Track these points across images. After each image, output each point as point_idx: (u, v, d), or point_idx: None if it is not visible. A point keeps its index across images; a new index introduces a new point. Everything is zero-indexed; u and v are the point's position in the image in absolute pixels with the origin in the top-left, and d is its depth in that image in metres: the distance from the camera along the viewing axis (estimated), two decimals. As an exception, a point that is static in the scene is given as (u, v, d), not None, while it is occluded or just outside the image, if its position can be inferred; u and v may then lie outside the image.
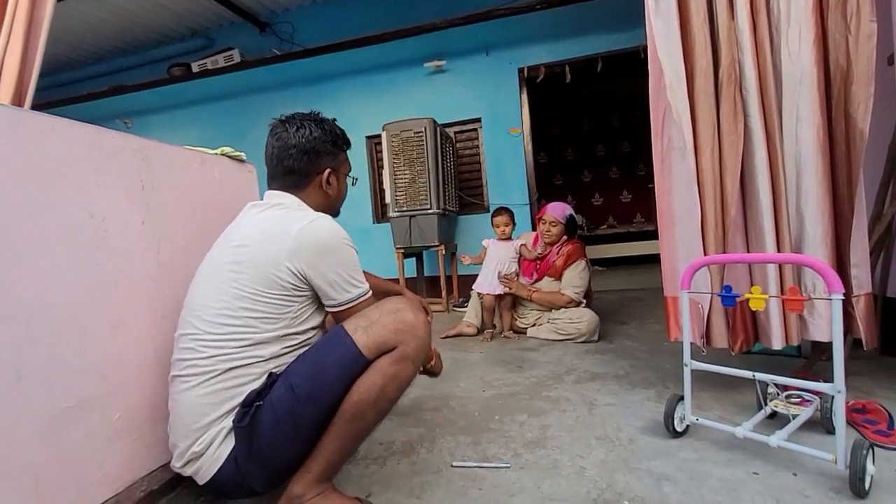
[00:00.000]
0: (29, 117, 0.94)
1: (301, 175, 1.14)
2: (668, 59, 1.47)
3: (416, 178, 3.58)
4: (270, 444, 0.95)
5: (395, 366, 0.98)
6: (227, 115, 5.03)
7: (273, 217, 1.08)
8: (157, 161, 1.23)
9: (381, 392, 0.97)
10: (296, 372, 0.98)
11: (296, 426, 0.96)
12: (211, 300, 1.00)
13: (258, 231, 1.05)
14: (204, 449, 0.95)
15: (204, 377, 0.96)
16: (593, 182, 7.46)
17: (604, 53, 3.97)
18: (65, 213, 0.98)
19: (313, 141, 1.13)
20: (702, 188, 1.46)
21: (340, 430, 0.97)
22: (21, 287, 0.88)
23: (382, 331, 0.98)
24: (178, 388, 0.98)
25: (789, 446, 1.08)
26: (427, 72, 4.40)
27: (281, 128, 1.15)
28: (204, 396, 0.95)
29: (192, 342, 0.98)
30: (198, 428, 0.95)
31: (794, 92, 1.41)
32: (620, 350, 2.25)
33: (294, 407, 0.94)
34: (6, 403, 0.83)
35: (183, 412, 0.97)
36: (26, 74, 1.79)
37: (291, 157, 1.12)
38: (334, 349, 0.98)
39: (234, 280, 0.99)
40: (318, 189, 1.16)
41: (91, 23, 4.52)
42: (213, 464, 0.96)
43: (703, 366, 1.27)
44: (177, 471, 1.02)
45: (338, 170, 1.20)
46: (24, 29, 1.77)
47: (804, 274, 1.43)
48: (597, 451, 1.26)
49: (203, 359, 0.96)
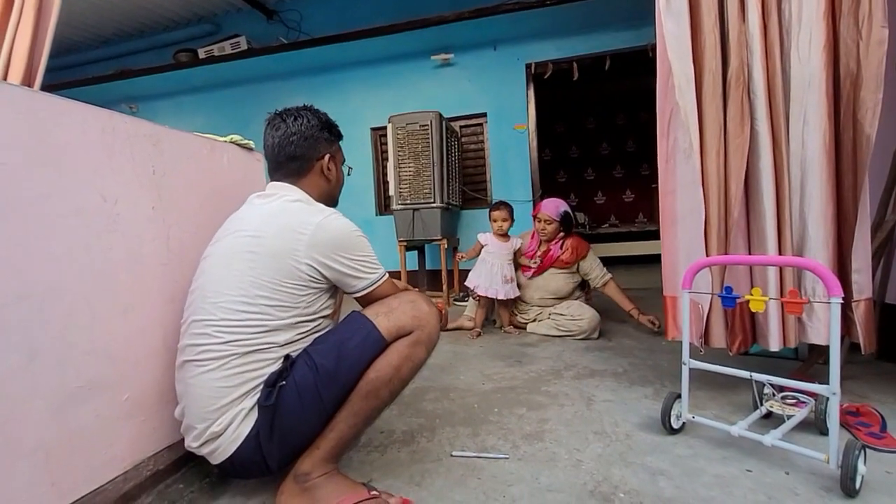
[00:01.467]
0: (44, 99, 0.95)
1: (303, 160, 1.18)
2: (677, 60, 1.48)
3: (421, 172, 3.59)
4: (293, 422, 0.99)
5: (410, 348, 1.06)
6: (232, 102, 5.02)
7: (285, 209, 1.10)
8: (169, 147, 1.24)
9: (396, 372, 1.04)
10: (318, 353, 1.03)
11: (318, 404, 1.00)
12: (227, 287, 1.02)
13: (272, 223, 1.07)
14: (223, 429, 0.98)
15: (220, 361, 0.98)
16: (597, 180, 7.45)
17: (612, 51, 3.96)
18: (77, 195, 0.99)
19: (312, 128, 1.19)
20: (706, 189, 1.47)
21: (354, 407, 1.02)
22: (34, 268, 0.89)
23: (402, 317, 1.06)
24: (193, 373, 1.00)
25: (783, 445, 1.10)
26: (434, 64, 4.38)
27: (278, 119, 1.20)
28: (221, 380, 0.98)
29: (208, 328, 1.00)
30: (215, 409, 0.98)
31: (803, 96, 1.42)
32: (619, 348, 2.27)
33: (317, 386, 0.99)
34: (20, 381, 0.85)
35: (198, 395, 0.99)
36: (36, 55, 1.80)
37: (293, 144, 1.17)
38: (357, 332, 1.05)
39: (252, 269, 1.02)
40: (319, 175, 1.21)
41: (98, 4, 4.51)
42: (232, 443, 0.98)
43: (702, 365, 1.29)
44: (192, 450, 1.05)
45: (335, 157, 1.25)
46: (35, 9, 1.78)
47: (804, 277, 1.44)
48: (594, 446, 1.28)
49: (219, 344, 0.99)
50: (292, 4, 4.69)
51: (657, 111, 1.57)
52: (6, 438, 0.82)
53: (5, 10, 1.82)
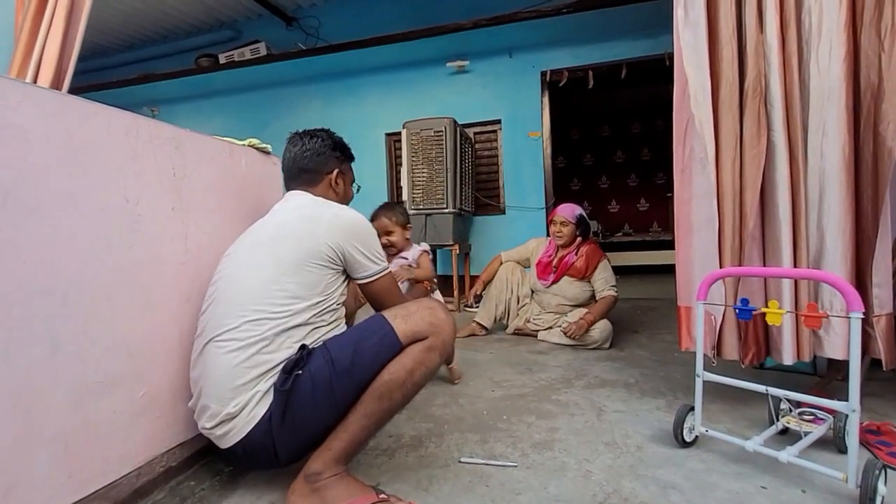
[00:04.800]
0: (73, 102, 0.99)
1: (314, 173, 1.32)
2: (694, 70, 1.47)
3: (434, 177, 3.61)
4: (305, 411, 1.02)
5: (424, 353, 1.08)
6: (250, 106, 5.11)
7: (306, 204, 1.24)
8: (189, 150, 1.27)
9: (410, 375, 1.06)
10: (335, 347, 1.06)
11: (330, 398, 1.03)
12: (254, 271, 1.10)
13: (292, 214, 1.21)
14: (239, 410, 1.01)
15: (243, 342, 1.02)
16: (611, 188, 7.40)
17: (628, 60, 3.95)
18: (101, 195, 1.02)
19: (324, 147, 1.34)
20: (721, 200, 1.46)
21: (367, 408, 1.04)
22: (59, 263, 0.92)
23: (420, 321, 1.09)
24: (214, 353, 1.04)
25: (800, 462, 1.07)
26: (449, 71, 4.42)
27: (297, 137, 1.36)
28: (243, 361, 1.01)
29: (234, 307, 1.06)
30: (232, 389, 1.01)
31: (822, 107, 1.40)
32: (631, 358, 2.25)
33: (331, 380, 1.02)
34: (43, 372, 0.87)
35: (217, 375, 1.03)
36: (65, 59, 1.86)
37: (306, 159, 1.31)
38: (375, 332, 1.08)
39: (275, 252, 1.11)
40: (327, 187, 1.34)
41: (123, 10, 4.63)
42: (247, 424, 1.01)
43: (716, 377, 1.27)
44: (205, 433, 1.07)
45: (344, 174, 1.38)
46: (66, 14, 1.84)
47: (822, 291, 1.42)
48: (604, 456, 1.27)
49: (247, 323, 1.03)
50: (311, 11, 4.77)
51: (673, 121, 1.56)
52: (28, 426, 0.85)
53: (37, 16, 1.88)
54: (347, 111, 4.70)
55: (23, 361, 0.85)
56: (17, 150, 0.86)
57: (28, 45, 1.89)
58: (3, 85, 0.85)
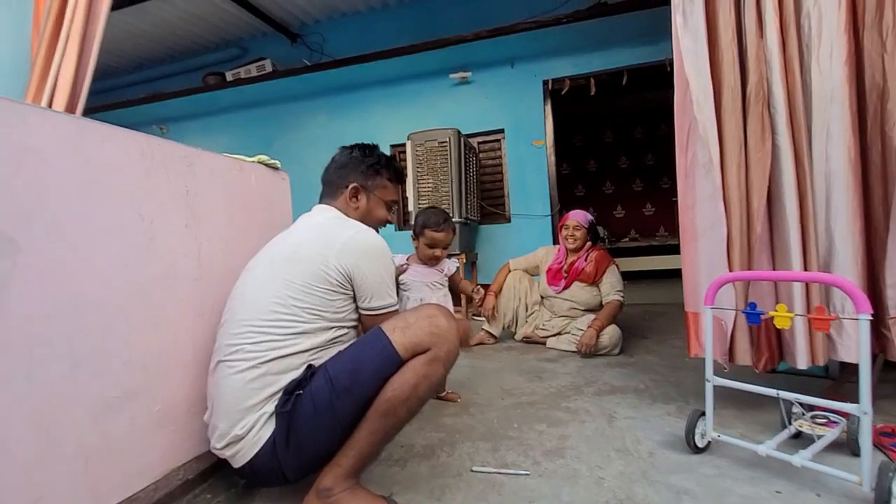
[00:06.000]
0: (90, 126, 1.02)
1: (331, 185, 1.31)
2: (695, 76, 1.49)
3: (439, 187, 3.64)
4: (307, 432, 1.01)
5: (427, 366, 1.04)
6: (257, 122, 5.20)
7: (324, 223, 1.22)
8: (201, 168, 1.30)
9: (414, 390, 1.03)
10: (335, 366, 1.05)
11: (332, 417, 1.01)
12: (264, 290, 1.09)
13: (309, 233, 1.19)
14: (245, 432, 1.01)
15: (251, 363, 1.02)
16: (616, 194, 7.40)
17: (629, 66, 3.97)
18: (118, 214, 1.05)
19: (349, 159, 1.31)
20: (727, 204, 1.46)
21: (373, 426, 1.03)
22: (78, 282, 0.95)
23: (419, 332, 1.06)
24: (224, 373, 1.05)
25: (813, 466, 1.07)
26: (452, 83, 4.47)
27: (339, 150, 1.35)
28: (249, 382, 1.02)
29: (243, 328, 1.06)
30: (240, 410, 1.01)
31: (825, 110, 1.41)
32: (641, 364, 2.24)
33: (332, 399, 1.01)
34: (64, 389, 0.90)
35: (227, 395, 1.03)
36: (79, 83, 1.91)
37: (329, 171, 1.32)
38: (372, 347, 1.05)
39: (287, 273, 1.09)
40: (346, 202, 1.29)
41: (132, 32, 4.75)
42: (252, 447, 1.01)
43: (726, 382, 1.27)
44: (216, 452, 1.08)
45: (368, 190, 1.31)
46: (79, 40, 1.90)
47: (832, 293, 1.41)
48: (616, 463, 1.27)
49: (252, 344, 1.04)
50: (315, 28, 4.86)
51: (675, 126, 1.57)
52: (51, 441, 0.87)
53: (52, 42, 1.95)
54: (352, 124, 4.76)
55: (45, 378, 0.87)
56: (38, 173, 0.89)
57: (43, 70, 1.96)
58: (23, 111, 0.89)
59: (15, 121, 0.86)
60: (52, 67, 1.92)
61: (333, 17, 4.79)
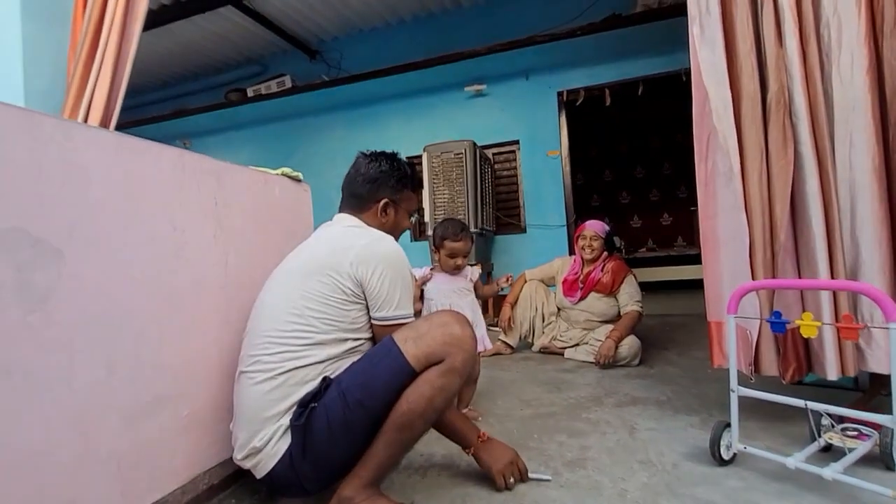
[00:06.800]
0: (127, 141, 1.07)
1: (361, 200, 1.29)
2: (713, 86, 1.49)
3: (455, 199, 3.67)
4: (322, 444, 1.01)
5: (442, 378, 1.03)
6: (277, 136, 5.33)
7: (343, 233, 1.22)
8: (228, 181, 1.35)
9: (430, 403, 1.02)
10: (347, 379, 1.04)
11: (346, 430, 1.01)
12: (281, 301, 1.11)
13: (328, 244, 1.19)
14: (263, 444, 1.02)
15: (269, 374, 1.04)
16: (632, 204, 7.34)
17: (644, 77, 3.98)
18: (152, 225, 1.09)
19: (378, 174, 1.28)
20: (749, 213, 1.45)
21: (389, 439, 1.02)
22: (115, 290, 0.99)
23: (431, 343, 1.04)
24: (245, 384, 1.07)
25: (846, 479, 1.04)
26: (467, 95, 4.53)
27: (361, 159, 1.32)
28: (267, 393, 1.03)
29: (262, 338, 1.08)
30: (259, 421, 1.03)
31: (847, 118, 1.40)
32: (662, 376, 2.21)
33: (345, 412, 1.00)
34: (99, 395, 0.93)
35: (247, 406, 1.06)
36: (112, 101, 2.00)
37: (357, 184, 1.29)
38: (384, 359, 1.04)
39: (304, 283, 1.10)
40: (374, 216, 1.29)
41: (158, 52, 4.94)
42: (271, 459, 1.03)
43: (753, 393, 1.25)
44: (238, 463, 1.10)
45: (398, 203, 1.31)
46: (114, 60, 1.99)
47: (861, 302, 1.39)
48: (639, 475, 1.25)
49: (269, 355, 1.05)
50: (333, 45, 4.99)
51: (694, 136, 1.57)
52: (87, 444, 0.90)
53: (87, 62, 2.04)
54: (370, 137, 4.85)
55: (83, 384, 0.90)
56: (81, 188, 0.94)
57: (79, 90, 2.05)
58: (69, 128, 0.94)
59: (61, 138, 0.91)
60: (87, 87, 2.01)
61: (351, 33, 4.91)
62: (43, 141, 0.87)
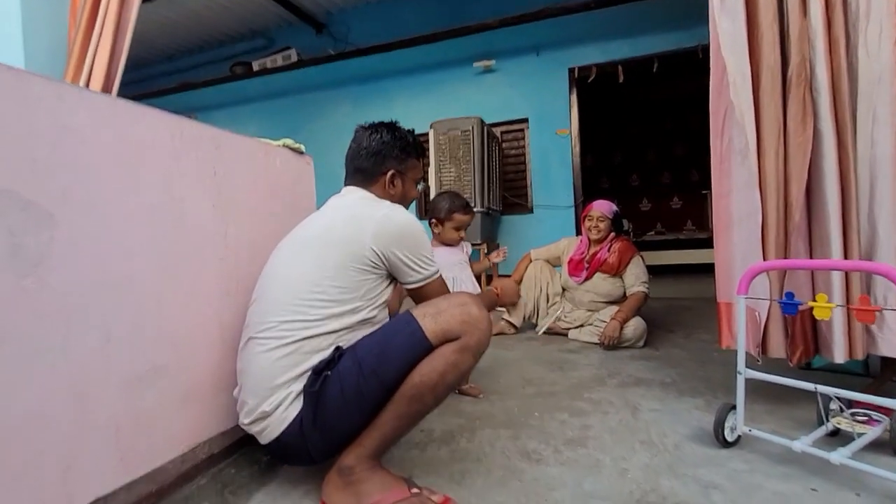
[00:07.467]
0: (123, 105, 1.04)
1: (367, 174, 1.27)
2: (732, 57, 1.42)
3: (462, 177, 3.62)
4: (334, 412, 1.02)
5: (456, 354, 1.03)
6: (283, 111, 5.26)
7: (356, 203, 1.21)
8: (228, 150, 1.31)
9: (441, 378, 1.02)
10: (363, 349, 1.05)
11: (359, 399, 1.02)
12: (295, 270, 1.10)
13: (342, 214, 1.18)
14: (273, 409, 1.02)
15: (281, 341, 1.03)
16: (641, 187, 7.23)
17: (659, 53, 3.86)
18: (149, 194, 1.07)
19: (381, 145, 1.26)
20: (764, 191, 1.40)
21: (398, 410, 1.03)
22: (111, 257, 0.97)
23: (450, 320, 1.04)
24: (254, 350, 1.06)
25: (853, 464, 1.02)
26: (476, 71, 4.42)
27: (361, 132, 1.30)
28: (279, 360, 1.03)
29: (274, 306, 1.07)
30: (269, 388, 1.03)
31: (871, 92, 1.34)
32: (667, 358, 2.19)
33: (359, 381, 1.01)
34: (98, 361, 0.92)
35: (256, 372, 1.05)
36: (113, 69, 1.96)
37: (361, 157, 1.26)
38: (401, 332, 1.05)
39: (320, 254, 1.09)
40: (382, 188, 1.27)
41: (162, 24, 4.86)
42: (280, 424, 1.03)
43: (760, 375, 1.23)
44: (244, 427, 1.10)
45: (404, 173, 1.30)
46: (114, 29, 1.95)
47: (874, 284, 1.34)
48: (640, 455, 1.24)
49: (283, 322, 1.04)
50: (340, 17, 4.88)
51: (710, 111, 1.51)
52: (84, 411, 0.90)
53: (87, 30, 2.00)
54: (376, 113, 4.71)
55: (80, 351, 0.89)
56: (75, 150, 0.91)
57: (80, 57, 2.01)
58: (61, 89, 0.91)
59: (53, 99, 0.88)
60: (87, 54, 1.97)
61: (358, 6, 4.80)
62: (33, 101, 0.84)
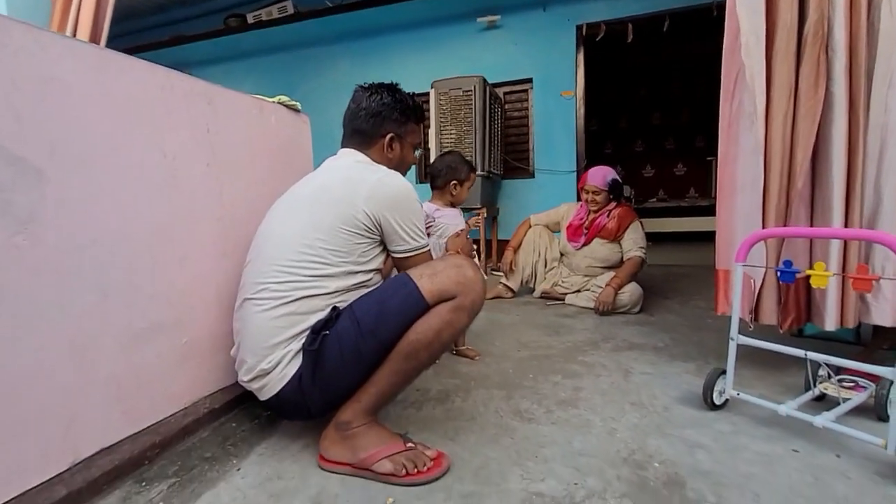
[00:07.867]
0: (111, 56, 1.00)
1: (366, 136, 1.25)
2: (747, 15, 1.36)
3: (463, 139, 3.54)
4: (332, 370, 1.04)
5: (452, 313, 1.05)
6: (279, 67, 5.09)
7: (351, 166, 1.20)
8: (221, 106, 1.28)
9: (437, 336, 1.04)
10: (361, 309, 1.06)
11: (357, 358, 1.04)
12: (290, 231, 1.10)
13: (337, 176, 1.17)
14: (272, 367, 1.04)
15: (277, 301, 1.04)
16: (646, 152, 7.10)
17: (671, 10, 3.68)
18: (141, 150, 1.05)
19: (381, 107, 1.24)
20: (768, 156, 1.37)
21: (394, 366, 1.05)
22: (104, 215, 0.96)
23: (446, 280, 1.05)
24: (251, 311, 1.07)
25: (836, 427, 1.04)
26: (480, 27, 4.25)
27: (360, 93, 1.27)
28: (275, 319, 1.04)
29: (269, 266, 1.07)
30: (267, 347, 1.04)
31: (891, 54, 1.28)
32: (662, 323, 2.21)
33: (357, 341, 1.03)
34: (94, 318, 0.93)
35: (254, 331, 1.06)
36: (100, 19, 1.88)
37: (360, 119, 1.24)
38: (399, 291, 1.06)
39: (313, 215, 1.09)
40: (380, 151, 1.26)
41: (153, -29, 4.62)
42: (279, 382, 1.05)
43: (752, 341, 1.24)
44: (243, 384, 1.12)
45: (403, 137, 1.29)
46: (98, -26, 1.85)
47: (872, 254, 1.34)
48: (630, 416, 1.27)
49: (278, 283, 1.05)
50: (338, -33, 4.63)
51: (722, 72, 1.46)
52: (84, 366, 0.91)
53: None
54: (375, 71, 4.62)
55: (76, 308, 0.90)
56: (61, 102, 0.88)
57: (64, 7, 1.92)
58: (44, 38, 0.87)
59: (35, 47, 0.85)
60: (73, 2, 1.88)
61: (357, -46, 4.54)
62: (13, 49, 0.81)
